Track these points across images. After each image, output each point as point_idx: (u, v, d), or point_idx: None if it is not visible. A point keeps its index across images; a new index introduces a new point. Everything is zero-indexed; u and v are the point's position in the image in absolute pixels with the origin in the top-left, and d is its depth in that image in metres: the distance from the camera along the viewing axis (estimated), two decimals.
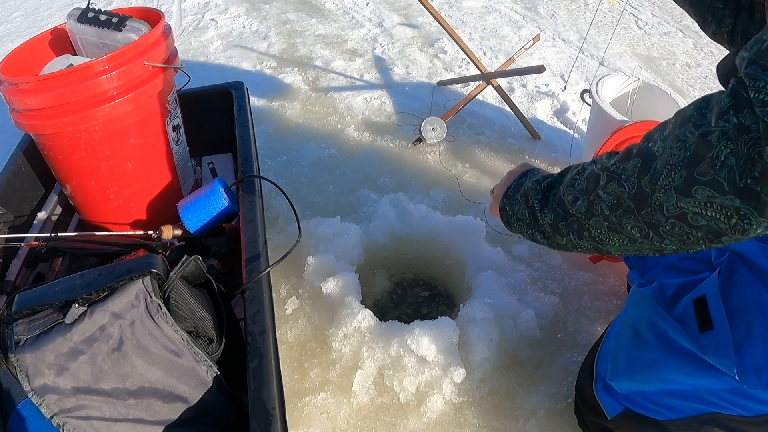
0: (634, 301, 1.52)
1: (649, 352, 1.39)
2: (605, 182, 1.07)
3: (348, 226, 2.18)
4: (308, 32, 4.22)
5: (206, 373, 1.31)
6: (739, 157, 0.82)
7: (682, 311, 1.33)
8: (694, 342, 1.26)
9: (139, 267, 1.28)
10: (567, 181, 1.20)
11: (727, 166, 0.84)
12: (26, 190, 2.07)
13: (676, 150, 0.92)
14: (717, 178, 0.86)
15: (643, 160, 1.00)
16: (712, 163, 0.86)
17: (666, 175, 0.94)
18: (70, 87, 1.63)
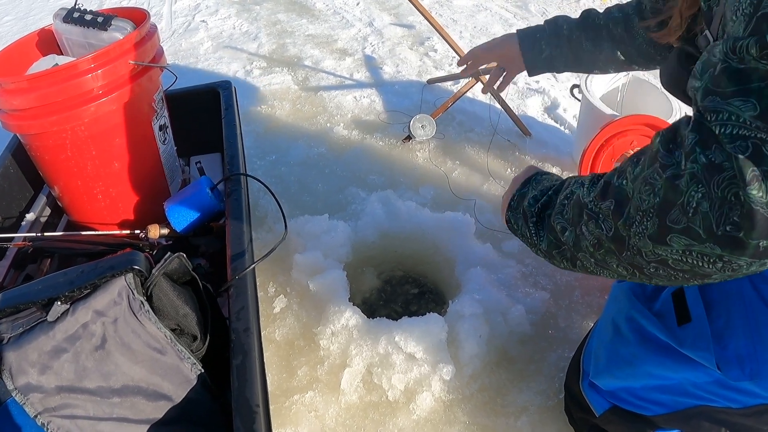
0: (614, 297, 1.51)
1: (629, 348, 1.38)
2: (586, 219, 1.05)
3: (336, 223, 2.17)
4: (298, 32, 4.21)
5: (190, 371, 1.30)
6: (713, 201, 0.77)
7: (662, 305, 1.31)
8: (671, 335, 1.25)
9: (121, 264, 1.28)
10: (557, 206, 1.17)
11: (700, 212, 0.79)
12: (14, 191, 2.07)
13: (645, 195, 0.89)
14: (691, 225, 0.81)
15: (616, 201, 0.97)
16: (684, 210, 0.81)
17: (639, 222, 0.90)
18: (55, 86, 1.62)
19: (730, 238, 0.77)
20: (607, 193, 0.99)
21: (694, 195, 0.79)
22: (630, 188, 0.93)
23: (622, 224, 0.94)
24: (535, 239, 1.24)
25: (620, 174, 0.98)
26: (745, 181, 0.73)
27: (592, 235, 1.03)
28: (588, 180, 1.10)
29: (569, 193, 1.14)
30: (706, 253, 0.82)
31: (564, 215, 1.13)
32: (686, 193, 0.80)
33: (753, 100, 0.72)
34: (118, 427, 1.26)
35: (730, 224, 0.76)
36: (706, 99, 0.78)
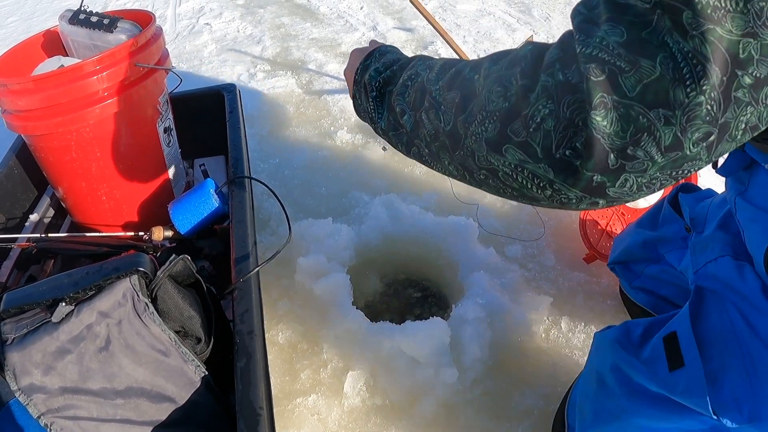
0: (596, 347, 1.44)
1: (616, 401, 1.32)
2: (427, 106, 0.98)
3: (339, 227, 2.18)
4: (302, 36, 4.22)
5: (194, 373, 1.30)
6: (559, 121, 0.73)
7: (652, 351, 1.24)
8: (662, 383, 1.19)
9: (126, 266, 1.28)
10: (399, 85, 1.09)
11: (543, 129, 0.75)
12: (18, 192, 2.07)
13: (495, 96, 0.82)
14: (530, 141, 0.76)
15: (462, 94, 0.90)
16: (526, 123, 0.76)
17: (479, 123, 0.84)
18: (60, 88, 1.63)
19: (567, 163, 0.74)
20: (455, 83, 0.93)
21: (541, 109, 0.75)
22: (480, 84, 0.87)
23: (462, 120, 0.88)
24: (375, 116, 1.17)
25: (474, 67, 0.92)
26: (591, 104, 0.69)
27: (431, 124, 0.97)
28: (439, 65, 1.02)
29: (414, 73, 1.07)
30: (539, 174, 0.78)
31: (405, 97, 1.06)
32: (534, 105, 0.76)
33: (622, 28, 0.69)
34: (121, 429, 1.26)
35: (570, 149, 0.73)
36: (583, 22, 0.75)
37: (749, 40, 0.64)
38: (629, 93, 0.68)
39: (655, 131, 0.68)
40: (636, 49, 0.68)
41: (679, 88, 0.66)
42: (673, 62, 0.66)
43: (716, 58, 0.64)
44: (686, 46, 0.65)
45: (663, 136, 0.69)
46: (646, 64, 0.67)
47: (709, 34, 0.64)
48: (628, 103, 0.68)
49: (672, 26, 0.65)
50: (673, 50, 0.66)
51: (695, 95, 0.66)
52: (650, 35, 0.67)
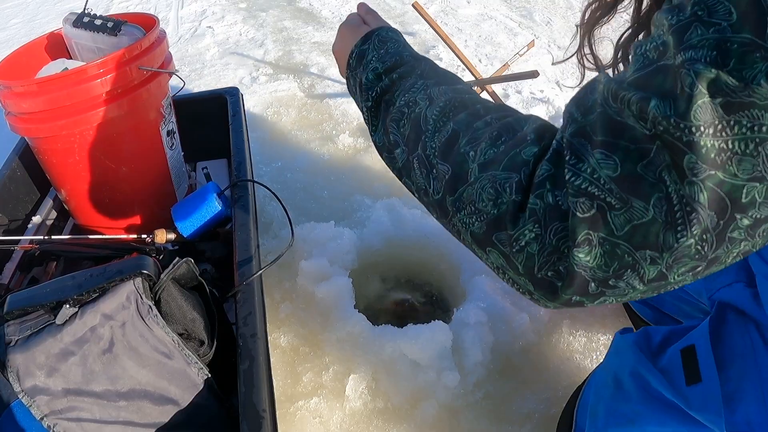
0: (616, 349, 1.41)
1: (631, 405, 1.29)
2: (420, 160, 0.93)
3: (342, 230, 2.18)
4: (304, 40, 4.23)
5: (197, 376, 1.31)
6: (544, 247, 0.71)
7: (668, 361, 1.22)
8: (679, 395, 1.16)
9: (129, 268, 1.28)
10: (396, 107, 1.03)
11: (526, 252, 0.73)
12: (21, 194, 2.08)
13: (486, 197, 0.78)
14: (512, 258, 0.75)
15: (454, 173, 0.85)
16: (511, 241, 0.74)
17: (468, 214, 0.81)
18: (64, 90, 1.63)
19: (548, 283, 0.73)
20: (449, 154, 0.87)
21: (527, 233, 0.73)
22: (474, 173, 0.82)
23: (451, 201, 0.85)
24: (369, 126, 1.13)
25: (472, 139, 0.86)
26: (575, 240, 0.68)
27: (422, 180, 0.93)
28: (439, 105, 0.95)
29: (412, 101, 1.00)
30: (518, 283, 0.78)
31: (400, 127, 1.01)
32: (520, 228, 0.73)
33: (616, 158, 0.66)
34: (123, 431, 1.26)
35: (552, 271, 0.72)
36: (575, 136, 0.71)
37: (755, 184, 0.60)
38: (617, 232, 0.66)
39: (639, 268, 0.67)
40: (629, 186, 0.65)
41: (670, 232, 0.64)
42: (667, 205, 0.64)
43: (714, 204, 0.62)
44: (683, 190, 0.62)
45: (647, 272, 0.67)
46: (639, 205, 0.65)
47: (709, 180, 0.61)
48: (615, 241, 0.67)
49: (671, 164, 0.63)
50: (669, 191, 0.63)
51: (686, 239, 0.64)
52: (645, 169, 0.65)
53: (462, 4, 4.69)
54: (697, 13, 0.61)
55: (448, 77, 1.06)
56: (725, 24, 0.58)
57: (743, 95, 0.57)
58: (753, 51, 0.56)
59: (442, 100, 0.95)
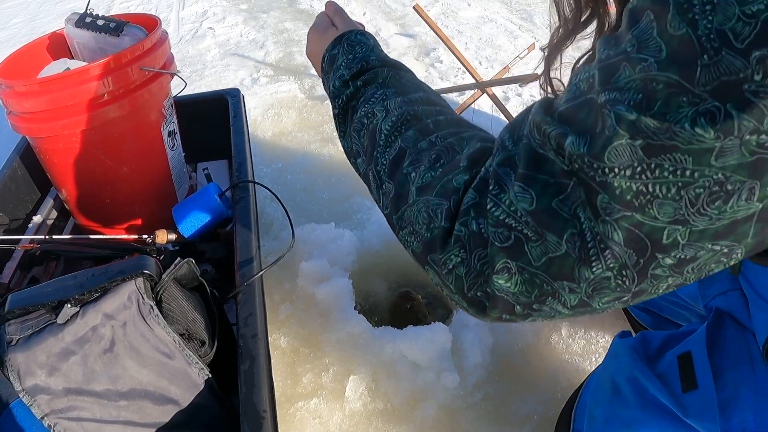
0: (614, 353, 1.40)
1: (629, 410, 1.28)
2: (372, 174, 0.96)
3: (342, 232, 2.18)
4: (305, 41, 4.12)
5: (198, 376, 1.31)
6: (471, 270, 0.73)
7: (666, 367, 1.22)
8: (675, 402, 1.16)
9: (131, 268, 1.28)
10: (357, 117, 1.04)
11: (455, 274, 0.75)
12: (22, 193, 2.08)
13: (421, 221, 0.81)
14: (444, 279, 0.77)
15: (397, 193, 0.88)
16: (440, 264, 0.77)
17: (408, 233, 0.84)
18: (66, 90, 1.64)
19: (478, 302, 0.74)
20: (395, 172, 0.90)
21: (453, 258, 0.75)
22: (413, 193, 0.85)
23: (395, 219, 0.88)
24: (336, 127, 1.14)
25: (414, 163, 0.87)
26: (493, 268, 0.70)
27: (375, 192, 0.96)
28: (392, 118, 0.97)
29: (371, 112, 1.01)
30: (454, 299, 0.79)
31: (360, 137, 1.02)
32: (448, 253, 0.76)
33: (533, 193, 0.67)
34: (123, 430, 1.27)
35: (481, 292, 0.73)
36: (501, 165, 0.72)
37: (677, 227, 0.60)
38: (534, 263, 0.67)
39: (560, 296, 0.68)
40: (544, 221, 0.66)
41: (585, 267, 0.64)
42: (580, 241, 0.64)
43: (632, 243, 0.61)
44: (597, 228, 0.62)
45: (568, 300, 0.68)
46: (552, 240, 0.66)
47: (624, 221, 0.60)
48: (533, 271, 0.68)
49: (585, 201, 0.63)
50: (583, 227, 0.64)
51: (602, 272, 0.64)
52: (561, 204, 0.65)
53: (463, 7, 4.69)
54: (626, 50, 0.60)
55: (410, 85, 1.06)
56: (652, 60, 0.57)
57: (665, 138, 0.56)
58: (679, 94, 0.55)
59: (395, 114, 0.97)
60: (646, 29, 0.58)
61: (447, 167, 0.82)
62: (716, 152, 0.54)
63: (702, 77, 0.53)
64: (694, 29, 0.53)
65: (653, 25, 0.57)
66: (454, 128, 0.92)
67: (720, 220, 0.58)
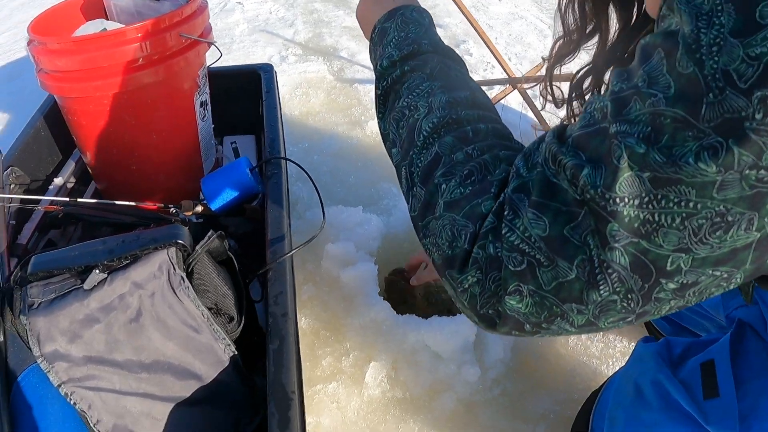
0: (638, 357, 1.42)
1: (651, 413, 1.30)
2: (405, 175, 0.96)
3: (369, 216, 2.15)
4: (335, 23, 4.20)
5: (224, 352, 1.28)
6: (485, 291, 0.76)
7: (688, 374, 1.24)
8: (697, 408, 1.18)
9: (164, 237, 1.25)
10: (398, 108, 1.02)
11: (469, 292, 0.78)
12: (43, 154, 2.06)
13: (444, 238, 0.83)
14: (459, 296, 0.81)
15: (425, 200, 0.89)
16: (455, 282, 0.80)
17: (431, 243, 0.86)
18: (102, 51, 1.61)
19: (488, 318, 0.78)
20: (428, 179, 0.90)
21: (470, 278, 0.78)
22: (441, 207, 0.85)
23: (420, 226, 0.90)
24: (377, 108, 1.12)
25: (447, 174, 0.87)
26: (506, 290, 0.73)
27: (405, 189, 0.97)
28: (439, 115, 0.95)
29: (414, 104, 1.00)
30: (465, 313, 0.83)
31: (399, 128, 1.02)
32: (465, 273, 0.78)
33: (546, 220, 0.70)
34: (142, 403, 1.24)
35: (492, 310, 0.76)
36: (516, 191, 0.75)
37: (680, 255, 0.63)
38: (545, 286, 0.71)
39: (568, 317, 0.72)
40: (556, 247, 0.69)
41: (593, 291, 0.68)
42: (590, 266, 0.67)
43: (638, 269, 0.65)
44: (603, 255, 0.66)
45: (576, 320, 0.72)
46: (563, 265, 0.69)
47: (631, 247, 0.64)
48: (543, 294, 0.71)
49: (595, 229, 0.66)
50: (591, 254, 0.67)
51: (608, 295, 0.67)
52: (572, 232, 0.68)
53: (493, 2, 4.65)
54: (637, 85, 0.64)
55: (457, 81, 1.04)
56: (661, 96, 0.61)
57: (671, 171, 0.60)
58: (685, 129, 0.59)
59: (437, 115, 0.95)
60: (656, 66, 0.62)
61: (477, 187, 0.83)
62: (718, 185, 0.59)
63: (707, 114, 0.57)
64: (701, 68, 0.58)
65: (663, 63, 0.62)
66: (492, 140, 0.91)
67: (721, 249, 0.62)
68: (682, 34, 0.60)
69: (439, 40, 1.13)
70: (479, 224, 0.78)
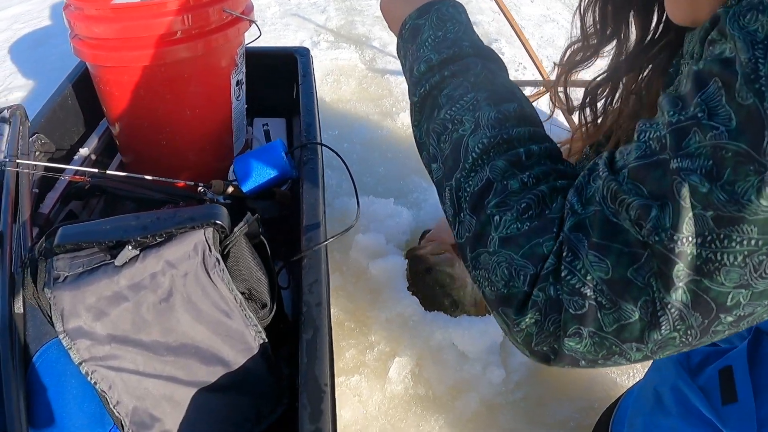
0: (657, 366, 1.44)
1: (670, 420, 1.31)
2: (449, 196, 0.87)
3: (400, 209, 2.14)
4: (367, 12, 4.18)
5: (254, 339, 1.24)
6: (542, 331, 0.73)
7: (706, 381, 1.23)
8: (715, 413, 1.18)
9: (202, 216, 1.20)
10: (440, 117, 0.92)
11: (526, 331, 0.74)
12: (70, 123, 2.03)
13: (499, 274, 0.76)
14: (513, 334, 0.76)
15: (476, 232, 0.80)
16: (511, 323, 0.75)
17: (481, 277, 0.79)
18: (141, 21, 1.59)
19: (543, 355, 0.75)
20: (479, 208, 0.81)
21: (528, 320, 0.73)
22: (495, 242, 0.79)
23: (469, 256, 0.82)
24: (412, 115, 1.02)
25: (501, 205, 0.79)
26: (566, 332, 0.70)
27: (449, 211, 0.88)
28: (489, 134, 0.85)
29: (458, 118, 0.90)
30: (517, 347, 0.79)
31: (440, 143, 0.91)
32: (523, 316, 0.73)
33: (608, 262, 0.67)
34: (164, 386, 1.20)
35: (547, 347, 0.73)
36: (573, 230, 0.71)
37: (741, 290, 0.61)
38: (605, 329, 0.68)
39: (626, 354, 0.70)
40: (619, 290, 0.66)
41: (654, 330, 0.66)
42: (652, 307, 0.65)
43: (699, 308, 0.63)
44: (667, 297, 0.63)
45: (633, 356, 0.70)
46: (627, 308, 0.66)
47: (694, 285, 0.62)
48: (604, 335, 0.69)
49: (658, 272, 0.64)
50: (655, 295, 0.64)
51: (668, 333, 0.66)
52: (635, 274, 0.66)
53: (525, 2, 4.61)
54: (697, 116, 0.62)
55: (504, 90, 0.94)
56: (723, 129, 0.59)
57: (733, 210, 0.59)
58: (747, 163, 0.57)
59: (486, 135, 0.86)
60: (714, 96, 0.60)
61: (536, 224, 0.77)
62: None
63: None
64: (761, 100, 0.56)
65: (722, 93, 0.60)
66: (546, 164, 0.84)
67: None
68: (739, 63, 0.58)
69: (479, 40, 1.03)
70: (540, 266, 0.74)
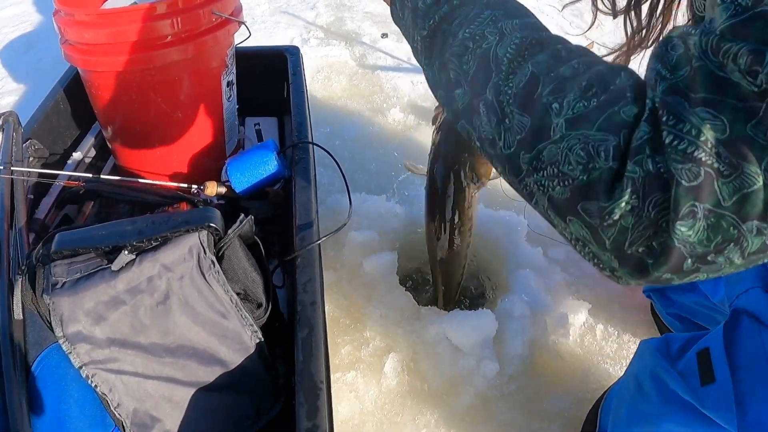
0: (638, 354, 1.45)
1: (651, 406, 1.32)
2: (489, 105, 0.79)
3: (393, 206, 2.15)
4: (357, 8, 4.19)
5: (250, 339, 1.26)
6: (641, 221, 0.61)
7: (685, 365, 1.24)
8: (694, 395, 1.18)
9: (196, 219, 1.22)
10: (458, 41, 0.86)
11: (619, 225, 0.63)
12: (62, 128, 2.05)
13: (575, 159, 0.66)
14: (601, 232, 0.65)
15: (534, 126, 0.71)
16: (602, 214, 0.64)
17: (547, 176, 0.69)
18: (131, 25, 1.60)
19: (637, 260, 0.64)
20: (530, 102, 0.73)
21: (624, 206, 0.62)
22: (561, 127, 0.69)
23: (527, 159, 0.73)
24: (422, 58, 0.96)
25: (557, 91, 0.72)
26: (678, 213, 0.59)
27: (489, 128, 0.79)
28: (515, 40, 0.79)
29: (479, 34, 0.83)
30: (601, 259, 0.68)
31: (463, 64, 0.84)
32: (616, 200, 0.63)
33: (724, 119, 0.57)
34: (164, 387, 1.22)
35: (645, 247, 0.62)
36: (669, 93, 0.61)
37: None
38: (724, 203, 0.58)
39: (743, 241, 0.59)
40: (740, 150, 0.56)
41: None
42: None
43: None
44: None
45: (750, 245, 0.59)
46: (750, 171, 0.56)
47: None
48: (721, 213, 0.58)
49: None
50: None
51: None
52: (755, 130, 0.56)
53: None
54: None
55: (518, 9, 0.87)
56: None
57: None
58: None
59: (517, 37, 0.79)
60: None
61: (605, 97, 0.68)
62: None
63: None
64: None
65: None
66: (591, 56, 0.75)
67: None
68: None
69: None
70: (624, 134, 0.64)
